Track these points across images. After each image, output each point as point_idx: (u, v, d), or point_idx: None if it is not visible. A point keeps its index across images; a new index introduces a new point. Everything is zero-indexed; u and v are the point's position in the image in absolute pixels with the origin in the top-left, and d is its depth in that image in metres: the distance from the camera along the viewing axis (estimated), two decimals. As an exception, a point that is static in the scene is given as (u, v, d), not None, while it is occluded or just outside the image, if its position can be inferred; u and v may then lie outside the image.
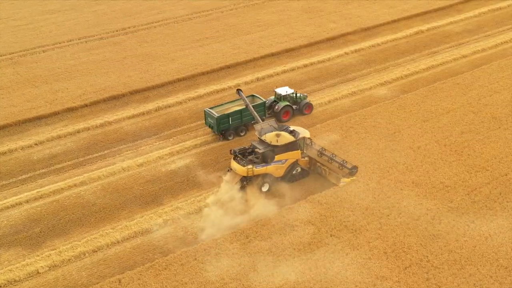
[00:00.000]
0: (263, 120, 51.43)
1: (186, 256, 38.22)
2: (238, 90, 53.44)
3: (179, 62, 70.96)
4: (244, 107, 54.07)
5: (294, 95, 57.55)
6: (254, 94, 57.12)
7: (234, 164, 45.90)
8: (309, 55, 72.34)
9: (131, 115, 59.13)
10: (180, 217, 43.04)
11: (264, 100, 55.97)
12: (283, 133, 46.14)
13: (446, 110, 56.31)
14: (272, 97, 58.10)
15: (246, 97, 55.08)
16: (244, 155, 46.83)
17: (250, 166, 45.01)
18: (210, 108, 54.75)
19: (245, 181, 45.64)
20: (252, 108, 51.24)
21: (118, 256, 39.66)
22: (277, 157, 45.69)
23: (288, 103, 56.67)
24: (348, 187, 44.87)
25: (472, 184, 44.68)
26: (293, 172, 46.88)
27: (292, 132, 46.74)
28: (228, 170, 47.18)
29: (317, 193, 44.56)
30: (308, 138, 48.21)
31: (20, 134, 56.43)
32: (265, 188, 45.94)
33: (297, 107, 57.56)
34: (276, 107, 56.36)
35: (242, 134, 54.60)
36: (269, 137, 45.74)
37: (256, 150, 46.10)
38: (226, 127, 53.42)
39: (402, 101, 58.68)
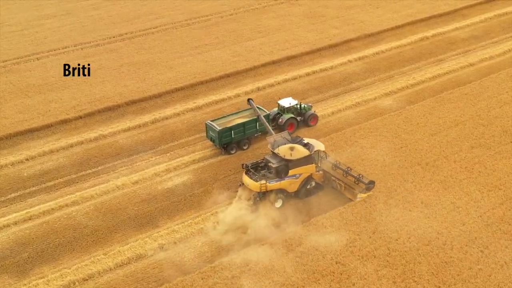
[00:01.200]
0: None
1: (182, 286, 35.93)
2: (249, 100, 51.86)
3: (177, 70, 68.64)
4: (247, 119, 52.25)
5: (298, 106, 55.35)
6: (257, 106, 54.91)
7: (247, 179, 43.89)
8: (311, 63, 70.04)
9: (127, 127, 56.79)
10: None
11: (268, 112, 53.79)
12: (297, 146, 44.12)
13: (455, 122, 54.01)
14: (276, 109, 55.90)
15: (250, 109, 53.06)
16: (256, 169, 44.71)
17: (263, 182, 42.97)
18: (211, 121, 52.51)
19: (258, 197, 43.60)
20: (264, 119, 49.70)
21: (110, 285, 37.22)
22: (291, 172, 43.61)
23: (292, 115, 54.53)
24: (353, 208, 42.59)
25: (485, 205, 42.39)
26: (307, 187, 44.79)
27: (306, 145, 44.74)
28: (240, 185, 45.19)
29: (321, 214, 42.25)
30: (323, 151, 46.14)
31: (10, 148, 54.09)
32: (278, 204, 43.87)
33: (302, 118, 55.38)
34: (280, 120, 54.20)
35: (245, 147, 52.40)
36: (283, 150, 43.72)
37: (269, 164, 43.94)
38: (228, 140, 51.19)
39: (408, 112, 56.39)
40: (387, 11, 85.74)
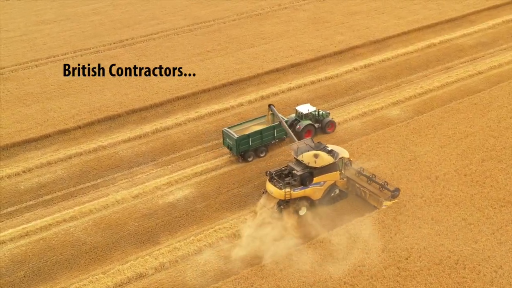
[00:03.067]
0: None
1: (184, 309, 34.51)
2: (270, 105, 51.42)
3: (178, 78, 67.08)
4: (264, 126, 51.45)
5: (317, 113, 54.16)
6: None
7: (270, 187, 42.95)
8: (316, 71, 68.56)
9: (127, 138, 55.29)
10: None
11: (285, 118, 52.55)
12: (321, 153, 43.29)
13: (465, 134, 52.45)
14: (293, 115, 54.75)
15: (265, 116, 52.54)
16: (280, 177, 43.57)
17: (287, 189, 41.95)
18: (228, 128, 51.43)
19: (282, 205, 42.67)
20: (286, 125, 49.13)
21: (109, 307, 35.86)
22: (315, 179, 42.71)
23: (310, 122, 53.40)
24: (361, 224, 41.01)
25: (497, 222, 40.81)
26: (332, 194, 43.90)
27: (330, 152, 43.69)
28: (263, 193, 44.34)
29: (328, 231, 40.68)
30: (347, 158, 45.18)
31: (7, 160, 52.57)
32: (302, 212, 43.04)
33: (320, 125, 54.22)
34: (298, 126, 53.05)
35: (262, 155, 51.42)
36: (307, 157, 42.85)
37: (293, 172, 42.88)
38: (245, 148, 50.10)
39: (417, 123, 54.84)
40: (392, 17, 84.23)
